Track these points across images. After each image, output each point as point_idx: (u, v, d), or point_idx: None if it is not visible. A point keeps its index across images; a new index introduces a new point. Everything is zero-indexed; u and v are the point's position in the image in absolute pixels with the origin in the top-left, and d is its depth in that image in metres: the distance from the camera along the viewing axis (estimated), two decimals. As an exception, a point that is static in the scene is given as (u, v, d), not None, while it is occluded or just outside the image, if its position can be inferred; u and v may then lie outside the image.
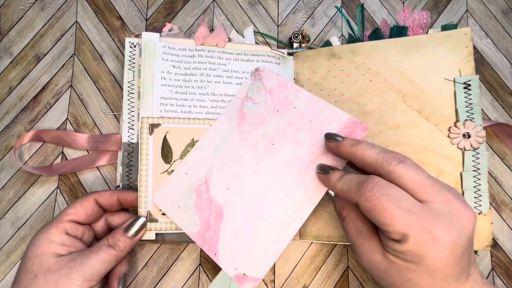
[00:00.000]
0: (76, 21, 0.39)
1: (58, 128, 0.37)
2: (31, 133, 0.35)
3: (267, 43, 0.39)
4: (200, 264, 0.35)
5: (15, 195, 0.36)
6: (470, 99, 0.32)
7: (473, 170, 0.32)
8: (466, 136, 0.32)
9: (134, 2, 0.39)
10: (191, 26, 0.39)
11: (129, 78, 0.35)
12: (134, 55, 0.35)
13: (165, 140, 0.33)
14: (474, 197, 0.32)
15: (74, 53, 0.38)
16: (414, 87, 0.34)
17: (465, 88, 0.33)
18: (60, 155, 0.36)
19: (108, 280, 0.30)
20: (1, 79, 0.37)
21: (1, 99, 0.37)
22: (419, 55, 0.34)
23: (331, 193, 0.30)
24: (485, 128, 0.35)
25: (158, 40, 0.34)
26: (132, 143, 0.34)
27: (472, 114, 0.32)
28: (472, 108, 0.32)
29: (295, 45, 0.38)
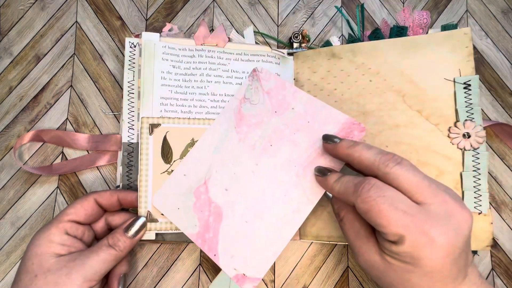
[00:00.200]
0: (76, 21, 0.39)
1: (58, 128, 0.37)
2: (31, 133, 0.35)
3: (267, 43, 0.39)
4: (200, 264, 0.35)
5: (15, 195, 0.36)
6: (470, 99, 0.32)
7: (473, 170, 0.32)
8: (466, 136, 0.32)
9: (134, 2, 0.39)
10: (191, 26, 0.39)
11: (129, 78, 0.35)
12: (134, 55, 0.35)
13: (165, 140, 0.33)
14: (474, 197, 0.32)
15: (74, 53, 0.38)
16: (414, 87, 0.34)
17: (465, 88, 0.33)
18: (60, 155, 0.36)
19: (108, 280, 0.30)
20: (1, 79, 0.37)
21: (1, 99, 0.37)
22: (419, 55, 0.34)
23: (329, 195, 0.30)
24: (485, 128, 0.35)
25: (158, 40, 0.34)
26: (132, 143, 0.34)
27: (472, 114, 0.32)
28: (472, 108, 0.32)
29: (295, 45, 0.38)
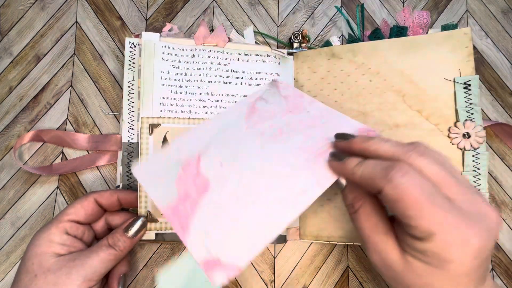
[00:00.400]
0: (76, 21, 0.39)
1: (58, 128, 0.37)
2: (31, 133, 0.35)
3: (267, 43, 0.39)
4: (200, 264, 0.35)
5: (15, 195, 0.36)
6: (470, 99, 0.32)
7: (473, 170, 0.32)
8: (466, 136, 0.32)
9: (134, 2, 0.39)
10: (191, 26, 0.39)
11: (129, 78, 0.35)
12: (134, 55, 0.35)
13: (165, 140, 0.33)
14: (474, 197, 0.32)
15: (74, 53, 0.38)
16: (414, 87, 0.34)
17: (465, 88, 0.33)
18: (60, 155, 0.36)
19: (108, 280, 0.30)
20: (1, 79, 0.37)
21: (1, 99, 0.37)
22: (419, 55, 0.34)
23: (342, 183, 0.26)
24: (485, 128, 0.35)
25: (158, 40, 0.34)
26: (132, 143, 0.34)
27: (472, 114, 0.32)
28: (472, 108, 0.32)
29: (295, 45, 0.38)
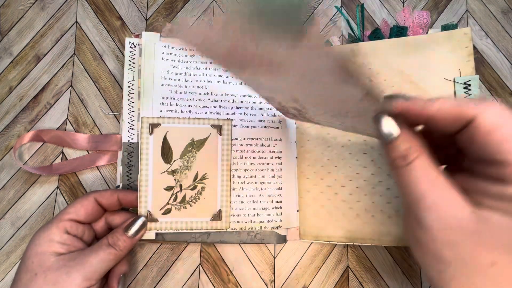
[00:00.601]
0: (76, 21, 0.39)
1: (58, 128, 0.37)
2: (31, 133, 0.35)
3: (267, 43, 0.39)
4: (200, 264, 0.35)
5: (15, 195, 0.35)
6: None
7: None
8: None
9: (134, 2, 0.39)
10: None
11: (129, 78, 0.35)
12: (134, 55, 0.35)
13: (165, 140, 0.33)
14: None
15: (74, 53, 0.38)
16: (415, 87, 0.34)
17: (465, 88, 0.33)
18: (60, 155, 0.36)
19: (108, 280, 0.30)
20: (1, 79, 0.37)
21: (1, 99, 0.37)
22: (419, 55, 0.34)
23: (392, 133, 0.19)
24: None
25: (158, 40, 0.34)
26: (132, 143, 0.34)
27: None
28: None
29: (295, 45, 0.37)
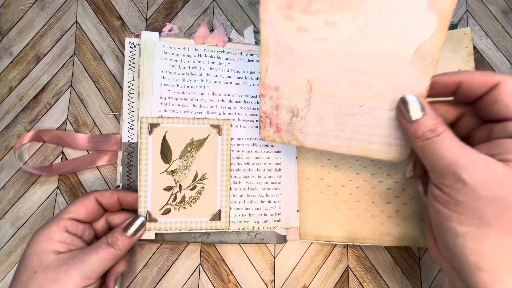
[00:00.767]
0: (76, 21, 0.39)
1: (58, 128, 0.37)
2: (31, 133, 0.35)
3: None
4: (200, 264, 0.35)
5: (15, 195, 0.36)
6: None
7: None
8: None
9: (134, 2, 0.40)
10: (191, 26, 0.39)
11: (129, 78, 0.35)
12: (134, 55, 0.35)
13: (165, 140, 0.33)
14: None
15: (74, 53, 0.38)
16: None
17: None
18: (60, 155, 0.36)
19: (106, 279, 0.30)
20: (1, 79, 0.37)
21: (1, 99, 0.37)
22: None
23: (418, 110, 0.22)
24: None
25: (158, 39, 0.34)
26: (132, 143, 0.34)
27: None
28: None
29: (295, 45, 0.38)
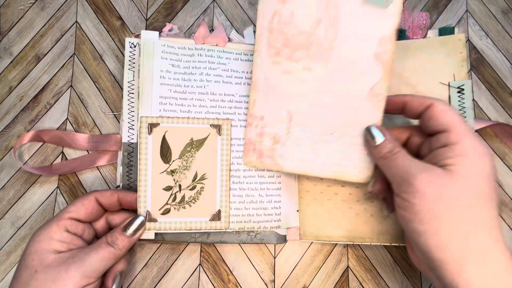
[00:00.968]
0: (76, 21, 0.39)
1: (58, 128, 0.37)
2: (31, 133, 0.35)
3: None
4: (200, 264, 0.35)
5: (15, 195, 0.36)
6: (464, 103, 0.33)
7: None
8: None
9: (134, 2, 0.40)
10: (191, 26, 0.39)
11: (129, 78, 0.35)
12: (134, 55, 0.35)
13: (164, 140, 0.33)
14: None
15: (74, 53, 0.38)
16: (412, 90, 0.34)
17: (459, 92, 0.34)
18: (60, 155, 0.36)
19: (104, 278, 0.30)
20: (1, 79, 0.37)
21: (1, 99, 0.37)
22: (417, 59, 0.35)
23: (380, 137, 0.28)
24: (485, 128, 0.35)
25: (157, 39, 0.34)
26: (132, 143, 0.34)
27: (465, 117, 0.33)
28: (465, 112, 0.33)
29: (295, 45, 0.38)
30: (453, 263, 0.23)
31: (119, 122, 0.37)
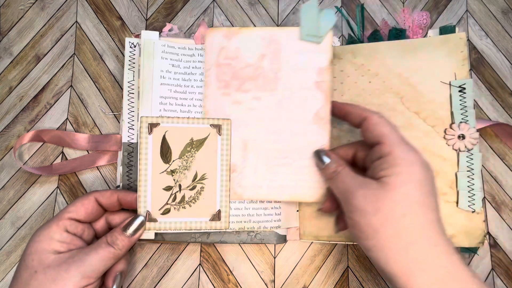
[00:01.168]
0: (76, 21, 0.39)
1: (58, 128, 0.37)
2: (31, 133, 0.35)
3: (267, 43, 0.39)
4: (200, 264, 0.35)
5: (15, 195, 0.36)
6: (465, 102, 0.33)
7: (467, 171, 0.32)
8: (461, 138, 0.33)
9: (134, 2, 0.40)
10: (191, 26, 0.39)
11: (129, 78, 0.35)
12: (134, 55, 0.35)
13: (164, 140, 0.33)
14: (468, 196, 0.32)
15: (74, 53, 0.38)
16: (412, 89, 0.34)
17: (460, 92, 0.33)
18: (60, 155, 0.36)
19: (105, 278, 0.30)
20: (1, 79, 0.37)
21: (1, 99, 0.37)
22: (417, 58, 0.34)
23: (326, 159, 0.30)
24: (485, 128, 0.35)
25: (158, 39, 0.34)
26: (132, 143, 0.34)
27: (467, 117, 0.33)
28: (467, 111, 0.33)
29: (295, 45, 0.38)
30: (402, 276, 0.23)
31: (119, 122, 0.37)
